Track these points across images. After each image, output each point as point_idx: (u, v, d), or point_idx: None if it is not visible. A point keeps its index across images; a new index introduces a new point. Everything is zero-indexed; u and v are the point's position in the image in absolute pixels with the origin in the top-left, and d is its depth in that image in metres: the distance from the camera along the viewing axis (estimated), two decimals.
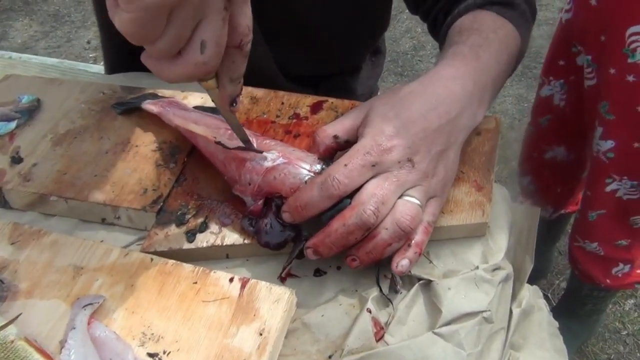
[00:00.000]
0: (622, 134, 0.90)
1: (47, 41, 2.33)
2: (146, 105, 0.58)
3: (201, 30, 0.35)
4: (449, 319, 0.43)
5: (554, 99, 1.06)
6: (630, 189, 0.96)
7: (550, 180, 1.20)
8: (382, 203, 0.42)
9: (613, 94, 0.87)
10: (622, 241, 1.05)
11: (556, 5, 2.38)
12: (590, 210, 1.04)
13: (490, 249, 0.48)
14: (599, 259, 1.10)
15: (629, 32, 0.80)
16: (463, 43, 0.54)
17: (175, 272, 0.45)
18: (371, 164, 0.43)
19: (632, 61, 0.81)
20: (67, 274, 0.46)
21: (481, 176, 0.50)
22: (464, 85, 0.49)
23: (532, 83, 2.05)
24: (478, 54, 0.52)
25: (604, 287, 1.14)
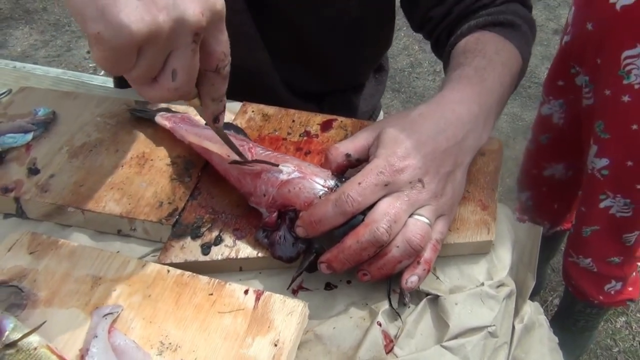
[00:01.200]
0: (617, 152, 0.93)
1: (47, 50, 2.34)
2: (159, 119, 0.60)
3: (172, 61, 0.38)
4: (456, 333, 0.45)
5: (553, 118, 1.09)
6: (623, 207, 0.98)
7: (548, 196, 1.23)
8: (395, 221, 0.44)
9: (608, 114, 0.91)
10: (615, 258, 1.08)
11: (550, 27, 2.43)
12: (585, 226, 1.07)
13: (495, 266, 0.50)
14: (592, 275, 1.12)
15: (623, 55, 0.83)
16: (468, 65, 0.56)
17: (192, 284, 0.47)
18: (384, 183, 0.45)
19: (627, 82, 0.85)
20: (86, 283, 0.47)
21: (486, 195, 0.52)
22: (470, 109, 0.51)
23: (526, 102, 2.08)
24: (483, 77, 0.54)
25: (597, 303, 1.16)
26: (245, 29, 0.68)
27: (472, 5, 0.65)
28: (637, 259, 1.11)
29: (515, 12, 0.64)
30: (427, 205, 0.46)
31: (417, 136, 0.47)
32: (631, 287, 1.15)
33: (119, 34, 0.34)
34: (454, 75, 0.56)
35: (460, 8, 0.65)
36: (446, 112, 0.50)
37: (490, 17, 0.62)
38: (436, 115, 0.49)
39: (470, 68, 0.56)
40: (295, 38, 0.71)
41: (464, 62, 0.57)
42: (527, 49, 0.64)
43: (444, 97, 0.52)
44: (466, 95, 0.52)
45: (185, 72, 0.39)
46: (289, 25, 0.69)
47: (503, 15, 0.62)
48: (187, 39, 0.37)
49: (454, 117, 0.50)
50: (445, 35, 0.68)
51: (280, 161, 0.49)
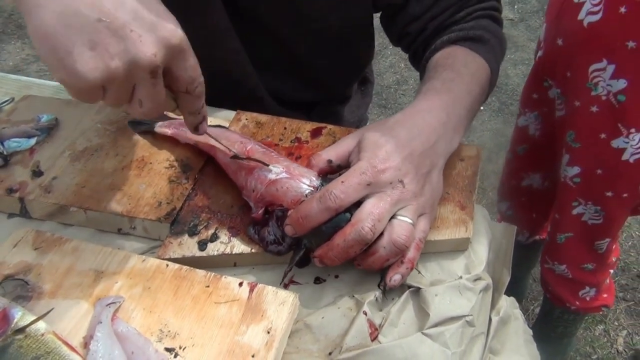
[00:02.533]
0: (587, 160, 0.98)
1: (39, 64, 2.37)
2: (159, 129, 0.63)
3: (137, 92, 0.43)
4: (436, 322, 0.48)
5: (529, 130, 1.14)
6: (594, 214, 1.03)
7: (526, 206, 1.27)
8: (378, 220, 0.47)
9: (578, 124, 0.96)
10: (588, 265, 1.12)
11: (531, 47, 2.51)
12: (559, 233, 1.11)
13: (472, 261, 0.53)
14: (567, 281, 1.16)
15: (591, 68, 0.88)
16: (437, 78, 0.61)
17: (189, 277, 0.50)
18: (366, 182, 0.48)
19: (595, 94, 0.90)
20: (89, 277, 0.50)
21: (464, 197, 0.56)
22: (438, 117, 0.55)
23: (508, 119, 2.15)
24: (450, 88, 0.59)
25: (574, 309, 1.20)
26: (231, 45, 0.72)
27: (445, 21, 0.70)
28: (609, 266, 1.15)
29: (485, 27, 0.69)
30: (409, 205, 0.49)
31: (395, 141, 0.51)
32: (606, 294, 1.19)
33: (78, 81, 0.40)
34: (424, 88, 0.60)
35: (435, 24, 0.70)
36: (417, 119, 0.54)
37: (462, 32, 0.67)
38: (409, 123, 0.54)
39: (438, 81, 0.60)
40: (280, 51, 0.75)
41: (433, 75, 0.62)
42: (496, 61, 0.68)
43: (415, 107, 0.57)
44: (434, 105, 0.56)
45: (150, 100, 0.44)
46: (273, 39, 0.73)
47: (473, 31, 0.67)
48: (145, 75, 0.42)
49: (425, 124, 0.54)
50: (421, 49, 0.73)
51: (274, 161, 0.53)
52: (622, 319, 1.46)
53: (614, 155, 0.93)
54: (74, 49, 0.39)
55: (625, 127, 0.89)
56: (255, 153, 0.55)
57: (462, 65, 0.63)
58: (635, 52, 0.83)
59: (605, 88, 0.88)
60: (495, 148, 2.01)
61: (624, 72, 0.85)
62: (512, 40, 2.54)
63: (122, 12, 0.41)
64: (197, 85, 0.47)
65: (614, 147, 0.92)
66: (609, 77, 0.86)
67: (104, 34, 0.40)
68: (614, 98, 0.88)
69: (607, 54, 0.86)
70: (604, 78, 0.87)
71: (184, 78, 0.45)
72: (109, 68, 0.40)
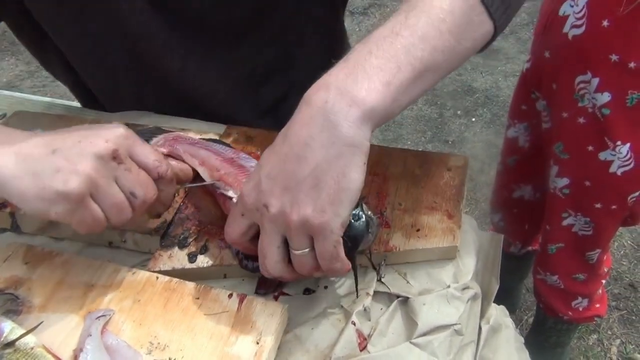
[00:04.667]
0: (576, 172, 0.98)
1: (33, 80, 2.38)
2: (154, 147, 0.63)
3: (122, 184, 0.46)
4: (424, 331, 0.48)
5: (519, 141, 1.15)
6: (584, 225, 1.04)
7: (518, 217, 1.28)
8: (265, 257, 0.45)
9: (566, 135, 0.97)
10: (580, 275, 1.13)
11: (522, 59, 2.53)
12: (550, 243, 1.12)
13: (460, 270, 0.54)
14: (559, 292, 1.17)
15: (577, 80, 0.89)
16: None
17: (179, 289, 0.50)
18: (240, 212, 0.46)
19: (581, 105, 0.91)
20: (79, 290, 0.50)
21: (452, 206, 0.57)
22: (317, 100, 0.42)
23: (500, 130, 2.16)
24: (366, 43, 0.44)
25: (567, 319, 1.21)
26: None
27: None
28: (601, 277, 1.16)
29: None
30: (289, 234, 0.43)
31: (267, 153, 0.45)
32: (598, 304, 1.20)
33: (68, 200, 0.43)
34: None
35: None
36: (295, 116, 0.44)
37: None
38: (289, 125, 0.44)
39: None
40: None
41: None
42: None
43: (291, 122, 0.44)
44: (320, 84, 0.43)
45: (138, 185, 0.47)
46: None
47: None
48: (113, 164, 0.45)
49: (297, 120, 0.43)
50: None
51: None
52: (616, 328, 1.47)
53: (602, 168, 0.94)
54: (45, 182, 0.43)
55: (611, 140, 0.90)
56: (228, 177, 0.55)
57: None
58: (618, 65, 0.84)
59: (590, 100, 0.89)
60: (487, 159, 2.02)
61: (608, 85, 0.86)
62: (503, 52, 2.57)
63: (68, 138, 0.45)
64: (166, 169, 0.49)
65: (601, 160, 0.93)
66: (594, 90, 0.88)
67: (61, 157, 0.44)
68: (599, 112, 0.89)
69: (591, 67, 0.87)
70: (589, 91, 0.88)
71: (149, 162, 0.48)
72: (81, 172, 0.43)
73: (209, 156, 0.58)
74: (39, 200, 0.43)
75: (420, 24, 0.43)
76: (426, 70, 0.44)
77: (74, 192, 0.43)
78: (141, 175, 0.47)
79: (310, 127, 0.41)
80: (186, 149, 0.60)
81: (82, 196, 0.43)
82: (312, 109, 0.42)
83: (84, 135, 0.45)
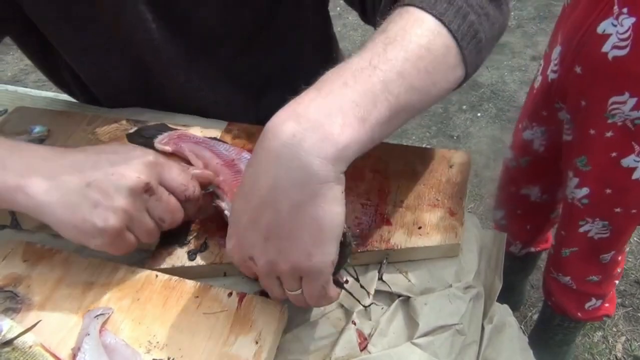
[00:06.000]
0: (597, 182, 0.97)
1: (37, 75, 2.38)
2: (159, 145, 0.63)
3: (153, 214, 0.49)
4: (425, 331, 0.48)
5: (534, 144, 1.13)
6: (601, 229, 1.02)
7: (521, 216, 1.27)
8: (269, 291, 0.45)
9: (592, 150, 0.95)
10: (594, 277, 1.12)
11: (528, 54, 2.52)
12: (564, 248, 1.11)
13: (463, 269, 0.53)
14: (572, 292, 1.16)
15: (611, 100, 0.87)
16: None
17: (179, 287, 0.50)
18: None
19: (611, 121, 0.89)
20: (78, 288, 0.50)
21: (454, 203, 0.56)
22: (284, 133, 0.38)
23: (506, 125, 2.15)
24: (337, 76, 0.41)
25: (575, 318, 1.20)
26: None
27: None
28: (614, 277, 1.15)
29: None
30: (281, 277, 0.42)
31: (237, 203, 0.42)
32: (607, 304, 1.19)
33: (108, 234, 0.46)
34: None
35: None
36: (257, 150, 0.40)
37: None
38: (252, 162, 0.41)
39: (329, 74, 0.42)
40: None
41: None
42: (461, 15, 0.45)
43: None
44: (284, 114, 0.40)
45: (167, 213, 0.50)
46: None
47: None
48: (145, 196, 0.48)
49: (261, 158, 0.40)
50: (371, 8, 0.59)
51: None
52: (621, 325, 1.46)
53: (625, 175, 0.92)
54: (85, 216, 0.45)
55: (639, 145, 0.89)
56: (224, 185, 0.55)
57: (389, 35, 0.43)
58: None
59: (621, 116, 0.87)
60: (492, 155, 2.01)
61: None
62: (509, 46, 2.55)
63: (99, 167, 0.47)
64: (192, 191, 0.52)
65: (624, 167, 0.92)
66: (629, 109, 0.85)
67: (97, 192, 0.46)
68: (631, 123, 0.87)
69: (631, 88, 0.84)
70: (624, 110, 0.86)
71: (177, 187, 0.50)
72: (118, 208, 0.46)
73: (212, 158, 0.58)
74: (78, 233, 0.46)
75: (399, 59, 0.41)
76: (401, 109, 0.41)
77: (113, 228, 0.46)
78: (170, 203, 0.50)
79: (278, 168, 0.38)
80: (191, 148, 0.60)
81: (120, 231, 0.47)
82: (278, 143, 0.38)
83: (115, 164, 0.48)
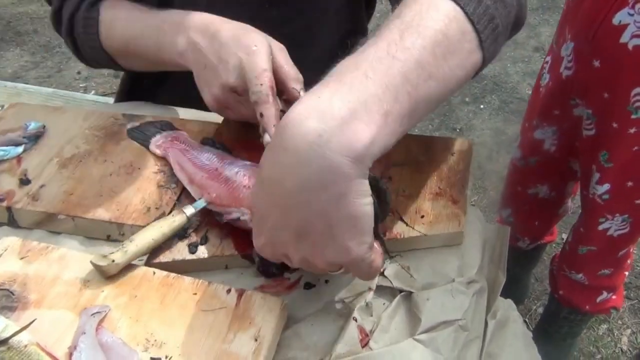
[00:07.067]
0: (619, 177, 0.96)
1: (38, 71, 2.37)
2: (153, 147, 0.62)
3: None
4: (428, 327, 0.47)
5: (545, 144, 1.11)
6: (621, 224, 1.01)
7: (529, 214, 1.25)
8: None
9: (614, 145, 0.93)
10: (605, 270, 1.11)
11: (531, 44, 2.50)
12: (581, 245, 1.10)
13: (466, 263, 0.52)
14: (583, 287, 1.15)
15: (634, 92, 0.86)
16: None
17: (176, 284, 0.49)
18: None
19: (635, 117, 0.88)
20: (75, 286, 0.49)
21: (456, 191, 0.56)
22: (307, 131, 0.37)
23: (509, 117, 2.13)
24: (355, 65, 0.40)
25: (583, 311, 1.19)
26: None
27: None
28: (625, 269, 1.14)
29: None
30: (322, 268, 0.42)
31: (259, 197, 0.42)
32: (615, 296, 1.18)
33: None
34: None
35: None
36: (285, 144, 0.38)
37: None
38: (275, 164, 0.39)
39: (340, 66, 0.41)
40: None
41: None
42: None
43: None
44: (309, 106, 0.38)
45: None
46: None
47: None
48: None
49: (291, 146, 0.38)
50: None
51: (237, 203, 0.52)
52: (626, 317, 1.45)
53: None
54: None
55: None
56: (222, 199, 0.53)
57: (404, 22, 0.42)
58: None
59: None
60: (495, 147, 1.99)
61: None
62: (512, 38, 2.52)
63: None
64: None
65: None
66: None
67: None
68: None
69: None
70: None
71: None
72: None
73: (195, 173, 0.56)
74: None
75: (416, 47, 0.40)
76: (421, 99, 0.40)
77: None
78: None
79: (306, 169, 0.37)
80: (176, 158, 0.59)
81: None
82: (303, 143, 0.36)
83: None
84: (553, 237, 1.37)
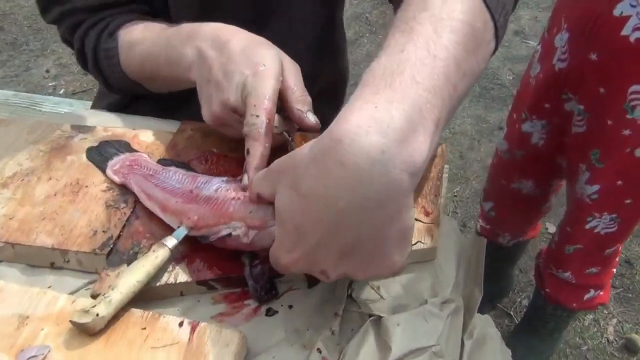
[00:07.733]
0: (609, 177, 0.92)
1: (5, 70, 2.29)
2: (109, 172, 0.57)
3: None
4: (399, 355, 0.43)
5: (532, 138, 1.07)
6: (609, 223, 0.98)
7: (511, 209, 1.22)
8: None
9: (606, 144, 0.90)
10: (593, 269, 1.09)
11: (510, 28, 2.46)
12: (568, 245, 1.07)
13: (440, 282, 0.49)
14: (569, 286, 1.13)
15: (630, 89, 0.82)
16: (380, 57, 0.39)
17: (124, 319, 0.45)
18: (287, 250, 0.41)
19: (630, 117, 0.84)
20: (11, 324, 0.45)
21: (429, 202, 0.52)
22: (371, 140, 0.34)
23: (489, 104, 2.10)
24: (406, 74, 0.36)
25: (569, 309, 1.17)
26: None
27: None
28: (612, 266, 1.12)
29: None
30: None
31: (298, 217, 0.38)
32: (602, 292, 1.16)
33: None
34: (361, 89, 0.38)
35: None
36: (331, 154, 0.34)
37: None
38: (324, 172, 0.35)
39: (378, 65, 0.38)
40: None
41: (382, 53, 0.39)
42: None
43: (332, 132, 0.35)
44: (366, 116, 0.34)
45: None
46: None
47: None
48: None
49: (351, 161, 0.34)
50: None
51: (227, 217, 0.47)
52: (612, 306, 1.43)
53: (638, 165, 0.88)
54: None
55: None
56: (208, 220, 0.48)
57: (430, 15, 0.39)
58: None
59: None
60: (477, 135, 1.96)
61: None
62: None
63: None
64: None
65: (637, 156, 0.87)
66: None
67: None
68: None
69: None
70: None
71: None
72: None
73: (168, 199, 0.51)
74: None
75: (452, 43, 0.38)
76: (457, 99, 0.39)
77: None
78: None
79: (367, 187, 0.34)
80: (140, 185, 0.53)
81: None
82: (365, 160, 0.33)
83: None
84: (536, 232, 1.35)
